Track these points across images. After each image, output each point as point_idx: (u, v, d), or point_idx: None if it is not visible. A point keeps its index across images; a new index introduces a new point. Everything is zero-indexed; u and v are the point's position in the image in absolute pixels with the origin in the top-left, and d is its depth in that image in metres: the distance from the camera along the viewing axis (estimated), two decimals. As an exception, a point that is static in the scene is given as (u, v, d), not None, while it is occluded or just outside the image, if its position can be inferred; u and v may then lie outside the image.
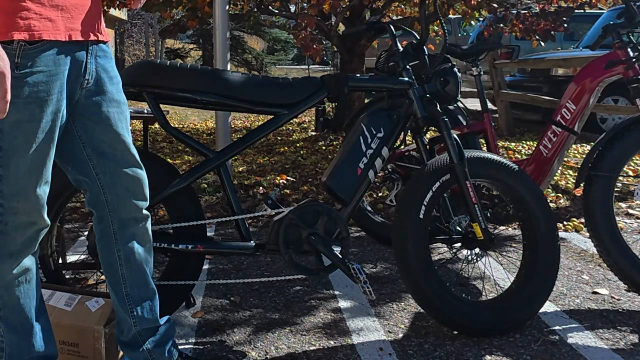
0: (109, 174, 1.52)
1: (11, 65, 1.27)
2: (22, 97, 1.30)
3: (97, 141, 1.49)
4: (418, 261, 2.01)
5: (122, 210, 1.56)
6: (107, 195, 1.54)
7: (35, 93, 1.31)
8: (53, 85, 1.34)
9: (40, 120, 1.33)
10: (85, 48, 1.42)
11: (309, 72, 20.24)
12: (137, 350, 1.64)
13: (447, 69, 2.17)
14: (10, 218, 1.36)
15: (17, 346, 1.46)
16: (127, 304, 1.61)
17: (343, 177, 2.07)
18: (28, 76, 1.30)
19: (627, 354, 1.95)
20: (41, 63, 1.32)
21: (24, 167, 1.34)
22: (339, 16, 5.35)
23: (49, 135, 1.36)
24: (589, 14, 7.87)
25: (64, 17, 1.36)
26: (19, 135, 1.31)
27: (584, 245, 3.08)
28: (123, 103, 1.54)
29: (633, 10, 2.51)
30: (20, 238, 1.39)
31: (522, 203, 2.14)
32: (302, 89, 2.08)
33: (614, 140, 2.36)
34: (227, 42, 3.93)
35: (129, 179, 1.54)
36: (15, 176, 1.34)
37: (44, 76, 1.32)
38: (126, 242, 1.59)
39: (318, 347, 2.01)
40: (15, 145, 1.32)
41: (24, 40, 1.29)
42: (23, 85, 1.30)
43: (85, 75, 1.43)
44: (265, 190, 4.04)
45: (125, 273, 1.60)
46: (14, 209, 1.36)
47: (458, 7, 5.71)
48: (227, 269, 2.77)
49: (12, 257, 1.39)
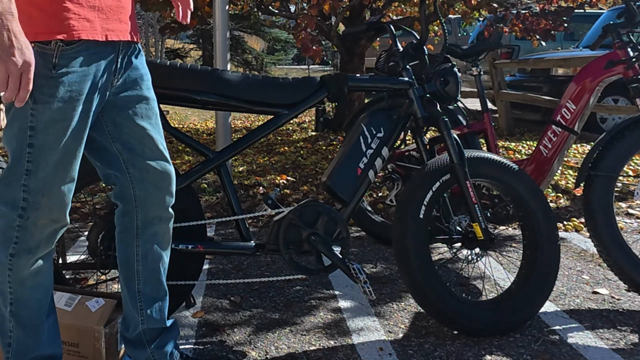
0: (139, 169, 1.54)
1: (48, 65, 1.31)
2: (57, 97, 1.32)
3: (126, 137, 1.52)
4: (418, 261, 2.01)
5: (149, 207, 1.58)
6: (136, 190, 1.56)
7: (70, 93, 1.34)
8: (86, 85, 1.36)
9: (72, 119, 1.36)
10: (118, 48, 1.45)
11: (309, 72, 20.24)
12: (140, 349, 1.65)
13: (447, 69, 2.17)
14: (33, 213, 1.38)
15: (24, 343, 1.46)
16: (137, 301, 1.63)
17: (343, 177, 2.07)
18: (64, 76, 1.32)
19: (627, 354, 1.95)
20: (77, 63, 1.34)
21: (52, 163, 1.36)
22: (339, 16, 5.35)
23: (78, 134, 1.38)
24: (589, 14, 7.87)
25: (100, 18, 1.38)
26: (51, 133, 1.34)
27: (584, 245, 3.08)
28: (152, 99, 1.56)
29: (633, 10, 2.51)
30: (39, 235, 1.40)
31: (522, 203, 2.14)
32: (302, 89, 2.08)
33: (614, 140, 2.36)
34: (227, 42, 3.93)
35: (157, 175, 1.56)
36: (43, 172, 1.36)
37: (78, 76, 1.35)
38: (147, 240, 1.61)
39: (318, 347, 2.01)
40: (45, 143, 1.34)
41: (62, 41, 1.31)
42: (58, 85, 1.32)
43: (116, 73, 1.46)
44: (265, 190, 4.04)
45: (140, 270, 1.62)
46: (37, 204, 1.37)
47: (458, 7, 5.71)
48: (227, 269, 2.77)
49: (29, 252, 1.41)
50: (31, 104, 1.31)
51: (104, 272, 2.01)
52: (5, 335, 1.46)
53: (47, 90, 1.31)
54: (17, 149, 1.35)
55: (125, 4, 1.45)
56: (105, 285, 2.38)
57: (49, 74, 1.31)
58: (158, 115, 1.58)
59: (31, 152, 1.34)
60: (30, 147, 1.34)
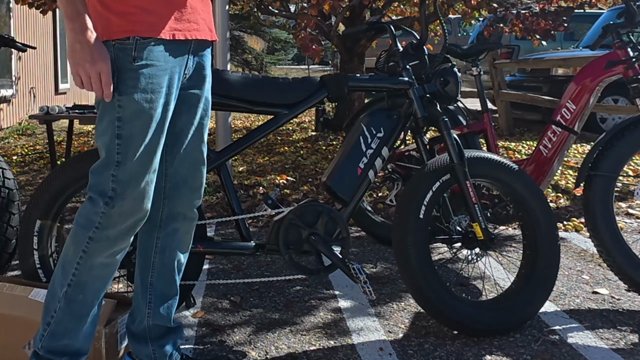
0: (176, 162, 1.60)
1: (128, 59, 1.42)
2: (139, 88, 1.41)
3: (178, 130, 1.58)
4: (418, 261, 2.01)
5: (175, 201, 1.63)
6: (167, 182, 1.61)
7: (150, 85, 1.42)
8: (164, 79, 1.45)
9: (155, 110, 1.43)
10: (189, 46, 1.52)
11: (309, 72, 20.24)
12: (142, 344, 1.67)
13: (447, 69, 2.17)
14: (119, 202, 1.43)
15: (65, 328, 1.49)
16: (148, 293, 1.65)
17: (343, 177, 2.07)
18: (143, 68, 1.42)
19: (627, 354, 1.95)
20: (154, 57, 1.43)
21: (138, 154, 1.43)
22: (339, 16, 5.34)
23: (160, 126, 1.46)
24: (589, 14, 7.87)
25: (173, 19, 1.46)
26: (137, 124, 1.42)
27: (584, 245, 3.07)
28: (209, 101, 1.63)
29: (633, 10, 2.51)
30: (120, 224, 1.45)
31: (522, 203, 2.14)
32: (302, 89, 2.08)
33: (614, 140, 2.35)
34: (227, 42, 3.93)
35: (191, 172, 1.62)
36: (130, 163, 1.43)
37: (156, 69, 1.43)
38: (168, 233, 1.65)
39: (318, 347, 2.01)
40: (133, 133, 1.42)
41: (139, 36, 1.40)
42: (139, 76, 1.42)
43: (185, 70, 1.52)
44: (265, 190, 4.04)
45: (156, 262, 1.65)
46: (124, 194, 1.43)
47: (458, 7, 5.71)
48: (227, 269, 2.77)
49: (108, 240, 1.46)
50: (117, 97, 1.41)
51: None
52: (49, 313, 1.50)
53: (130, 82, 1.41)
54: (108, 141, 1.43)
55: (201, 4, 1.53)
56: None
57: (130, 66, 1.41)
58: (209, 117, 1.64)
59: (120, 143, 1.42)
60: (119, 139, 1.42)
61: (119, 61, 1.42)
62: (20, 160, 5.66)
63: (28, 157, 5.84)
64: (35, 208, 2.02)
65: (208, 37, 1.56)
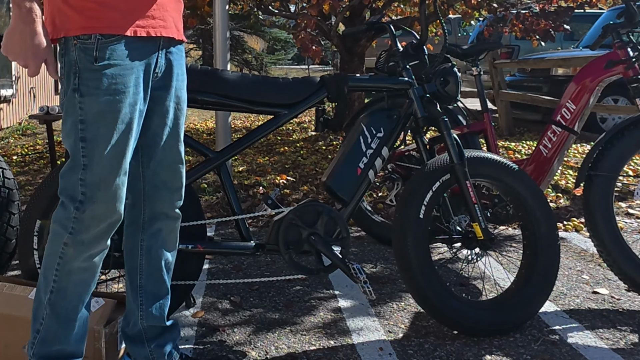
0: (153, 164, 1.57)
1: (90, 59, 1.37)
2: (102, 89, 1.37)
3: (152, 133, 1.55)
4: (418, 261, 2.01)
5: (155, 202, 1.60)
6: (145, 184, 1.59)
7: (114, 85, 1.38)
8: (129, 79, 1.40)
9: (120, 112, 1.39)
10: (158, 44, 1.48)
11: (309, 72, 20.24)
12: (139, 346, 1.67)
13: (447, 69, 2.17)
14: (90, 207, 1.41)
15: (53, 334, 1.49)
16: (138, 295, 1.64)
17: (343, 177, 2.07)
18: (106, 68, 1.38)
19: (627, 354, 1.95)
20: (118, 56, 1.39)
21: (106, 157, 1.40)
22: (339, 16, 5.34)
23: (128, 127, 1.42)
24: (589, 14, 7.87)
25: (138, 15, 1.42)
26: (102, 125, 1.38)
27: (584, 245, 3.07)
28: (183, 101, 1.60)
29: (633, 10, 2.51)
30: (94, 228, 1.43)
31: (522, 203, 2.14)
32: (302, 89, 2.08)
33: (614, 140, 2.35)
34: (227, 42, 3.93)
35: (169, 174, 1.59)
36: (98, 166, 1.40)
37: (120, 69, 1.39)
38: (152, 234, 1.63)
39: (318, 347, 2.01)
40: (98, 136, 1.39)
41: (101, 35, 1.37)
42: (102, 77, 1.37)
43: (155, 69, 1.49)
44: (265, 190, 4.04)
45: (143, 264, 1.64)
46: (94, 197, 1.41)
47: (458, 7, 5.71)
48: (227, 269, 2.76)
49: (83, 244, 1.44)
50: (78, 98, 1.38)
51: (104, 272, 2.01)
52: (37, 321, 1.49)
53: (92, 83, 1.37)
54: (72, 144, 1.41)
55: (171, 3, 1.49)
56: (106, 285, 2.38)
57: (92, 67, 1.37)
58: (185, 116, 1.61)
59: (84, 146, 1.39)
60: (83, 141, 1.39)
61: (80, 62, 1.37)
62: (20, 160, 5.66)
63: (28, 157, 5.84)
64: (35, 208, 2.02)
65: (175, 36, 1.51)
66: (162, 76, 1.52)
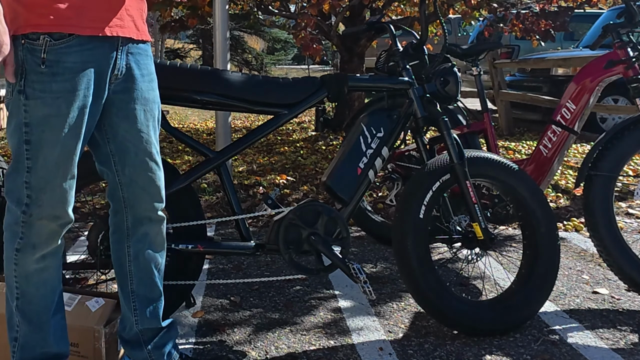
0: (129, 171, 1.53)
1: (37, 61, 1.31)
2: (49, 92, 1.32)
3: (121, 138, 1.50)
4: (418, 261, 2.01)
5: (137, 208, 1.57)
6: (124, 191, 1.55)
7: (63, 88, 1.33)
8: (80, 81, 1.35)
9: (67, 115, 1.35)
10: (116, 44, 1.42)
11: (309, 72, 20.24)
12: (137, 349, 1.65)
13: (447, 68, 2.17)
14: (36, 210, 1.38)
15: (31, 339, 1.47)
16: (131, 301, 1.63)
17: (343, 177, 2.07)
18: (54, 71, 1.32)
19: (627, 354, 1.95)
20: (68, 58, 1.33)
21: (52, 160, 1.36)
22: (339, 16, 5.34)
23: (75, 130, 1.37)
24: (589, 13, 7.87)
25: (97, 13, 1.36)
26: (47, 129, 1.34)
27: (584, 245, 3.07)
28: (153, 101, 1.53)
29: (633, 10, 2.51)
30: (43, 230, 1.41)
31: (522, 203, 2.14)
32: (302, 89, 2.08)
33: (614, 140, 2.35)
34: (227, 42, 3.93)
35: (146, 179, 1.55)
36: (43, 169, 1.36)
37: (70, 71, 1.34)
38: (137, 240, 1.60)
39: (318, 347, 2.01)
40: (42, 139, 1.34)
41: (50, 35, 1.31)
42: (49, 80, 1.32)
43: (114, 71, 1.43)
44: (265, 190, 4.04)
45: (132, 270, 1.61)
46: (40, 201, 1.38)
47: (458, 7, 5.71)
48: (227, 269, 2.76)
49: (34, 248, 1.42)
50: (23, 100, 1.32)
51: (104, 272, 2.01)
52: (13, 329, 1.48)
53: (38, 86, 1.32)
54: (16, 146, 1.36)
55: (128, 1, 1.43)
56: (105, 285, 2.37)
57: (39, 69, 1.31)
58: (156, 118, 1.55)
59: (29, 148, 1.35)
60: (28, 144, 1.35)
61: (27, 63, 1.31)
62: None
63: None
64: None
65: (134, 36, 1.44)
66: (123, 78, 1.45)
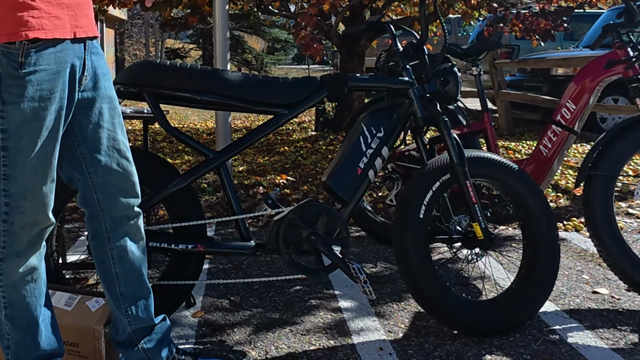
0: (101, 172, 1.51)
1: (14, 65, 1.28)
2: (26, 97, 1.30)
3: (90, 139, 1.49)
4: (418, 261, 2.01)
5: (114, 209, 1.55)
6: (98, 194, 1.53)
7: (40, 92, 1.31)
8: (56, 84, 1.34)
9: (45, 119, 1.33)
10: (84, 45, 1.42)
11: (309, 72, 20.24)
12: (132, 350, 1.64)
13: (447, 68, 2.17)
14: (17, 217, 1.37)
15: (24, 344, 1.46)
16: (121, 303, 1.61)
17: (343, 176, 2.07)
18: (32, 75, 1.30)
19: (627, 354, 1.95)
20: (45, 61, 1.32)
21: (30, 165, 1.34)
22: (339, 16, 5.35)
23: (53, 133, 1.36)
24: (589, 13, 7.87)
25: (69, 15, 1.36)
26: (25, 134, 1.32)
27: (584, 245, 3.07)
28: (114, 99, 1.54)
29: (633, 10, 2.51)
30: (26, 237, 1.39)
31: (522, 203, 2.14)
32: (302, 89, 2.08)
33: (614, 140, 2.35)
34: (227, 42, 3.93)
35: (119, 177, 1.53)
36: (22, 175, 1.34)
37: (47, 75, 1.32)
38: (119, 241, 1.58)
39: (318, 347, 2.01)
40: (20, 145, 1.32)
41: (26, 40, 1.29)
42: (27, 84, 1.30)
43: (84, 72, 1.43)
44: (265, 190, 4.04)
45: (118, 272, 1.59)
46: (21, 207, 1.36)
47: (458, 7, 5.71)
48: (227, 269, 2.77)
49: (19, 256, 1.40)
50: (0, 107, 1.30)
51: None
52: (4, 337, 1.47)
53: (15, 91, 1.30)
54: None
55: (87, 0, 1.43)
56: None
57: (16, 74, 1.29)
58: (121, 114, 1.55)
59: (6, 155, 1.33)
60: (5, 151, 1.32)
61: (2, 67, 1.28)
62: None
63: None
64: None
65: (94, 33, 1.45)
66: (90, 79, 1.45)
